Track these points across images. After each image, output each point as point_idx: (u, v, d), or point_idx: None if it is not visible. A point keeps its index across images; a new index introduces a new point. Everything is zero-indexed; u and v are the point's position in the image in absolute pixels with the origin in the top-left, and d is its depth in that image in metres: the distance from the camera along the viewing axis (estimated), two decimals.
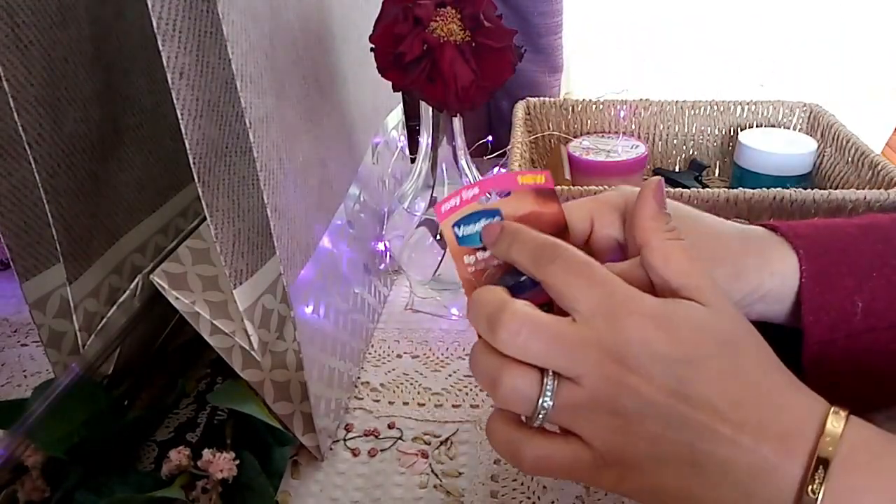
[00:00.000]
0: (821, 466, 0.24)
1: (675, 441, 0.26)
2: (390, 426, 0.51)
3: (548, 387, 0.27)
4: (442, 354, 0.59)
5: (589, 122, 0.87)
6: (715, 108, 0.84)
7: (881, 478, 0.24)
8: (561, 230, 0.34)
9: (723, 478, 0.25)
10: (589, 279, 0.28)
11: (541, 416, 0.28)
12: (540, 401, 0.27)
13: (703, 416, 0.26)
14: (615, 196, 0.35)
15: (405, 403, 0.54)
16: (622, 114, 0.85)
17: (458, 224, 0.33)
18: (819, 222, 0.36)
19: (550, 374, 0.27)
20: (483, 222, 0.33)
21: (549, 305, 0.30)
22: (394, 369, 0.57)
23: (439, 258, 0.61)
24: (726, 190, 0.58)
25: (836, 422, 0.25)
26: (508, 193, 0.34)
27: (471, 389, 0.55)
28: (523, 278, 0.32)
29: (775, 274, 0.33)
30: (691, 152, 0.87)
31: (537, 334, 0.27)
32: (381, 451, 0.49)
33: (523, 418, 0.29)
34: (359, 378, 0.56)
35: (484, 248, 0.33)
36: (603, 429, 0.27)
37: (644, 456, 0.27)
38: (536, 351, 0.27)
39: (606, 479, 0.28)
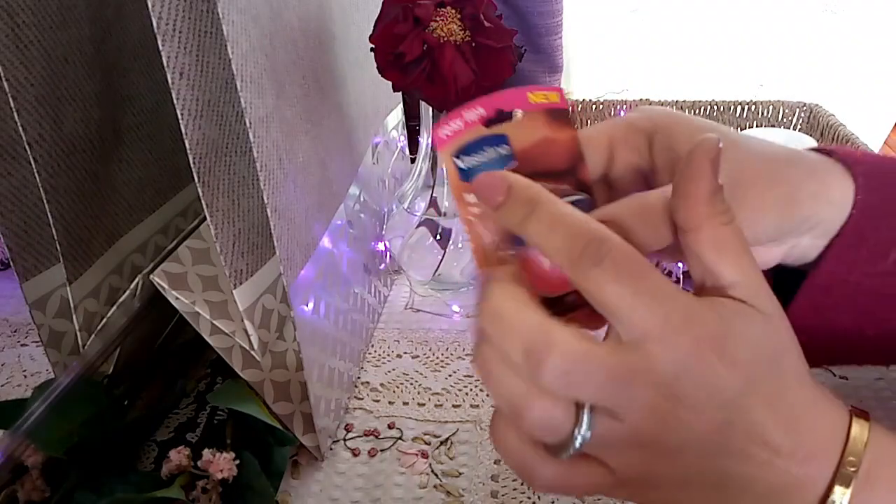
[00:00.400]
0: (843, 483, 0.24)
1: (708, 467, 0.24)
2: (390, 426, 0.51)
3: (583, 423, 0.24)
4: (442, 354, 0.59)
5: (589, 122, 0.87)
6: (714, 108, 0.84)
7: None
8: (576, 160, 0.29)
9: (743, 493, 0.25)
10: (645, 294, 0.23)
11: (570, 451, 0.24)
12: (574, 436, 0.24)
13: (743, 443, 0.24)
14: (640, 119, 0.30)
15: (405, 403, 0.54)
16: (622, 114, 0.85)
17: (459, 153, 0.28)
18: (875, 155, 0.32)
19: (588, 407, 0.24)
20: (489, 150, 0.28)
21: None
22: (394, 369, 0.57)
23: (439, 258, 0.61)
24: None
25: (860, 434, 0.24)
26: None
27: (471, 389, 0.55)
28: None
29: (833, 203, 0.29)
30: None
31: (589, 374, 0.23)
32: (381, 451, 0.49)
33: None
34: (359, 378, 0.56)
35: None
36: (634, 460, 0.25)
37: (667, 478, 0.25)
38: (585, 392, 0.24)
39: (618, 494, 0.26)
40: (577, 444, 0.24)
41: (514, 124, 0.29)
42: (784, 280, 0.32)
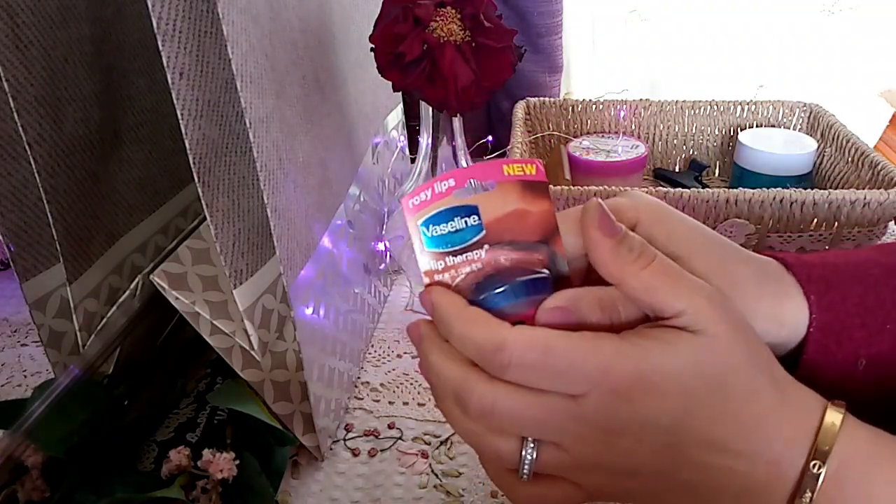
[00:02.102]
0: (809, 487, 0.25)
1: (670, 482, 0.27)
2: (390, 426, 0.51)
3: (527, 454, 0.27)
4: None
5: (589, 122, 0.87)
6: (715, 107, 0.84)
7: (870, 490, 0.25)
8: (550, 232, 0.29)
9: (719, 495, 0.27)
10: (550, 372, 0.26)
11: (524, 475, 0.28)
12: (521, 465, 0.27)
13: (697, 456, 0.26)
14: (628, 209, 0.31)
15: (405, 403, 0.54)
16: (622, 114, 0.85)
17: (427, 222, 0.29)
18: (839, 258, 0.32)
19: (530, 441, 0.27)
20: (457, 221, 0.29)
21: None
22: (394, 369, 0.57)
23: None
24: (726, 190, 0.58)
25: (832, 425, 0.25)
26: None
27: None
28: (502, 288, 0.28)
29: (786, 325, 0.30)
30: (691, 152, 0.87)
31: (511, 416, 0.26)
32: (381, 451, 0.49)
33: None
34: (359, 378, 0.56)
35: (455, 252, 0.29)
36: (596, 479, 0.28)
37: (637, 492, 0.28)
38: (511, 427, 0.27)
39: (598, 502, 0.29)
40: (526, 470, 0.27)
41: (485, 195, 0.29)
42: None
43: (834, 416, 0.26)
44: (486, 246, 0.29)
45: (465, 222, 0.29)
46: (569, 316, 0.27)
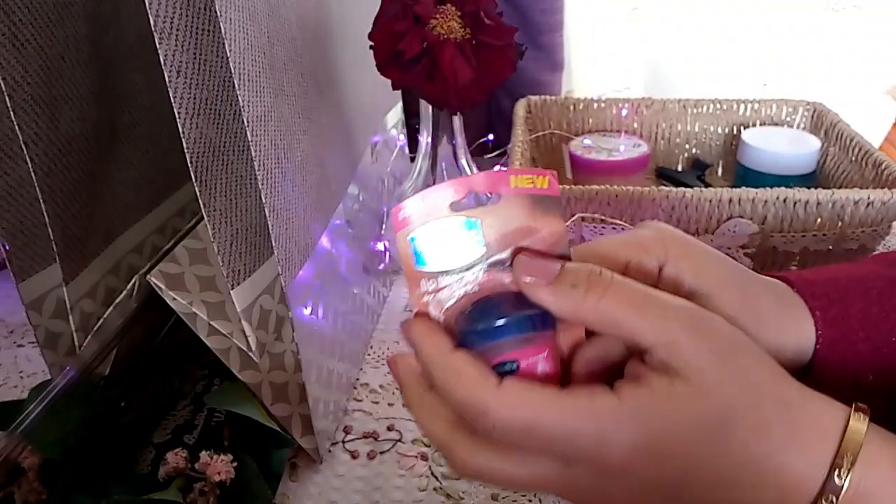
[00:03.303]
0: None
1: None
2: (389, 428, 0.51)
3: None
4: None
5: (590, 120, 0.86)
6: (718, 106, 0.83)
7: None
8: (560, 256, 0.26)
9: None
10: (539, 441, 0.24)
11: None
12: None
13: (705, 496, 0.25)
14: (653, 245, 0.29)
15: (405, 405, 0.53)
16: (624, 112, 0.85)
17: (419, 236, 0.25)
18: (840, 272, 0.32)
19: None
20: (454, 236, 0.25)
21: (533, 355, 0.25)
22: None
23: None
24: (729, 189, 0.58)
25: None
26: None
27: None
28: (500, 322, 0.25)
29: (797, 345, 0.30)
30: (694, 151, 0.87)
31: (493, 478, 0.25)
32: (381, 453, 0.49)
33: None
34: (358, 379, 0.56)
35: (450, 271, 0.25)
36: None
37: None
38: (498, 485, 0.27)
39: None
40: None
41: (489, 209, 0.25)
42: None
43: (855, 433, 0.24)
44: (485, 266, 0.26)
45: (463, 238, 0.25)
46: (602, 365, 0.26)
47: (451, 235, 0.25)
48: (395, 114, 0.73)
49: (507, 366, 0.25)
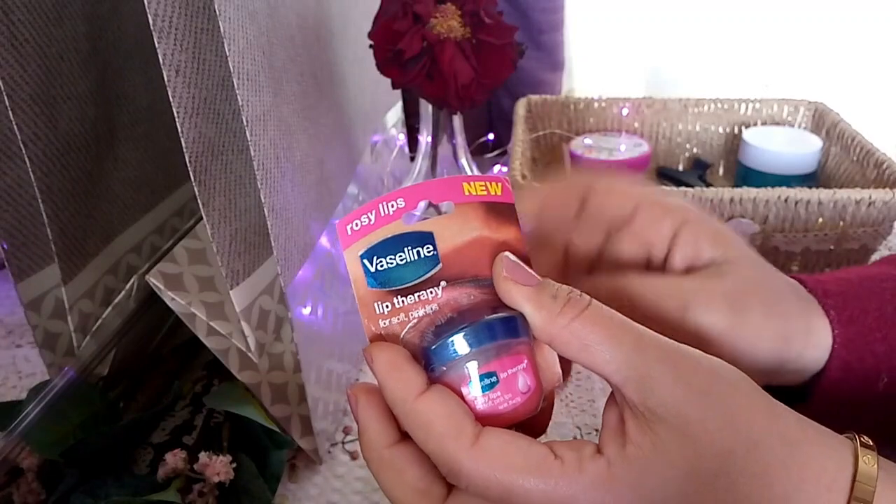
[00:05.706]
0: None
1: None
2: None
3: None
4: None
5: (591, 119, 0.86)
6: (719, 105, 0.83)
7: None
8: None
9: None
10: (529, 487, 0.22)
11: None
12: None
13: None
14: (671, 203, 0.29)
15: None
16: (625, 112, 0.84)
17: (369, 253, 0.23)
18: (851, 273, 0.32)
19: None
20: (407, 252, 0.23)
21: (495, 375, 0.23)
22: None
23: None
24: (730, 189, 0.58)
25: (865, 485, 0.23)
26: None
27: None
28: (467, 330, 0.23)
29: (814, 346, 0.29)
30: (695, 151, 0.87)
31: None
32: None
33: None
34: (357, 380, 0.56)
35: (405, 292, 0.23)
36: None
37: None
38: None
39: None
40: None
41: (441, 220, 0.24)
42: None
43: (866, 479, 0.23)
44: (443, 283, 0.24)
45: (418, 253, 0.23)
46: None
47: (404, 250, 0.23)
48: (395, 113, 0.73)
49: (484, 380, 0.23)
